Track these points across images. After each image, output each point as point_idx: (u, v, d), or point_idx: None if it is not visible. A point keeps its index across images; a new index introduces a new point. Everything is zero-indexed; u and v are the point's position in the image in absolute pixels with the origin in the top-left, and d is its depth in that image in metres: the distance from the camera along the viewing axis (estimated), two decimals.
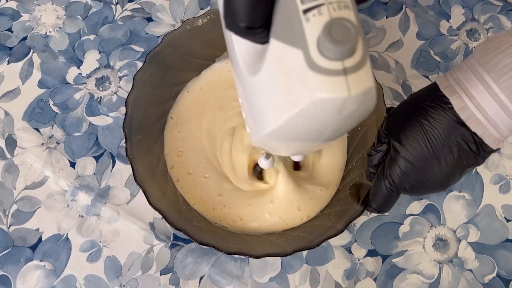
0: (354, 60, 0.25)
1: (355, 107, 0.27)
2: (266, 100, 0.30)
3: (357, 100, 0.26)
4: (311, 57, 0.25)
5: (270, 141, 0.33)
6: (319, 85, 0.25)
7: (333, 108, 0.26)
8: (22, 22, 0.57)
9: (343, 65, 0.25)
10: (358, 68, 0.25)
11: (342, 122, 0.29)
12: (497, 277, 0.48)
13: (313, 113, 0.27)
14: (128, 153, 0.44)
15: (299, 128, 0.29)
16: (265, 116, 0.30)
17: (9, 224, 0.48)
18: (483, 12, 0.59)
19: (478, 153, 0.34)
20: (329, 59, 0.25)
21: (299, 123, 0.28)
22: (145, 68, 0.47)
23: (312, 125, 0.28)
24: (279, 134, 0.30)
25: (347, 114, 0.27)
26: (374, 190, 0.40)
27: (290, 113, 0.27)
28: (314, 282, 0.47)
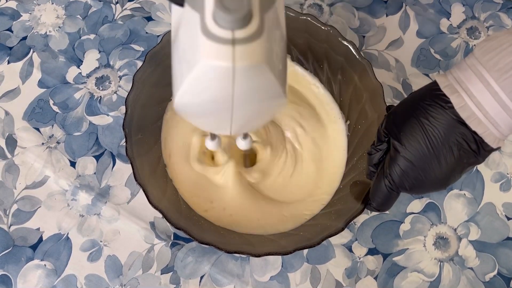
0: (246, 33, 0.25)
1: (248, 82, 0.27)
2: (176, 66, 0.31)
3: (246, 73, 0.26)
4: (205, 23, 0.25)
5: (184, 109, 0.32)
6: (207, 51, 0.26)
7: (221, 78, 0.26)
8: (22, 21, 0.57)
9: (233, 36, 0.25)
10: (249, 40, 0.25)
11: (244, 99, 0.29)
12: (498, 275, 0.48)
13: (205, 81, 0.27)
14: (128, 152, 0.44)
15: (200, 96, 0.29)
16: (176, 81, 0.31)
17: (9, 223, 0.48)
18: (483, 10, 0.59)
19: (478, 152, 0.34)
20: (220, 27, 0.25)
21: (197, 89, 0.28)
22: (145, 68, 0.47)
23: (210, 95, 0.29)
24: (185, 100, 0.30)
25: (243, 89, 0.27)
26: (374, 188, 0.40)
27: (187, 78, 0.28)
28: (315, 280, 0.47)
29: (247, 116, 0.32)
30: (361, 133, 0.48)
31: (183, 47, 0.29)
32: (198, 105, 0.31)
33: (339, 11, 0.59)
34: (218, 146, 0.43)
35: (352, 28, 0.58)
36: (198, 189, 0.48)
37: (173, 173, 0.48)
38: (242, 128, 0.35)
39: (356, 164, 0.48)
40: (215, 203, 0.47)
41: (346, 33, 0.57)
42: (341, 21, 0.58)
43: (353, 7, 0.59)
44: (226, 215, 0.47)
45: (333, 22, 0.58)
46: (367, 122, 0.48)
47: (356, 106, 0.49)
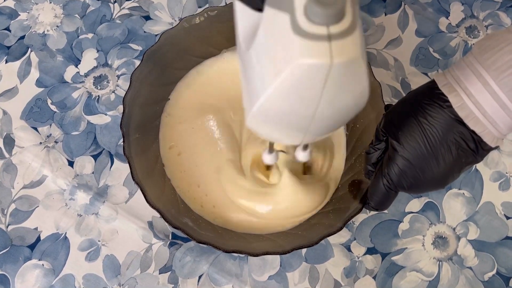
0: (341, 27, 0.24)
1: (341, 80, 0.25)
2: (256, 74, 0.28)
3: (341, 70, 0.25)
4: (296, 21, 0.24)
5: (260, 122, 0.31)
6: (301, 49, 0.24)
7: (316, 76, 0.25)
8: (20, 21, 0.57)
9: (328, 31, 0.24)
10: (344, 35, 0.24)
11: (330, 101, 0.27)
12: (497, 274, 0.48)
13: (296, 83, 0.25)
14: (126, 151, 0.43)
15: (285, 103, 0.27)
16: (254, 91, 0.29)
17: (7, 223, 0.48)
18: (482, 9, 0.59)
19: (476, 151, 0.34)
20: (314, 23, 0.24)
21: (283, 95, 0.26)
22: (142, 67, 0.47)
23: (298, 99, 0.27)
24: (266, 110, 0.28)
25: (334, 89, 0.26)
26: (372, 188, 0.40)
27: (274, 83, 0.26)
28: (313, 280, 0.47)
29: (328, 121, 0.30)
30: (359, 132, 0.48)
31: (264, 53, 0.27)
32: (282, 113, 0.28)
33: None
34: (275, 159, 0.42)
35: None
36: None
37: (170, 171, 0.48)
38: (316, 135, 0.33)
39: (354, 163, 0.48)
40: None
41: None
42: None
43: None
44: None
45: None
46: (365, 121, 0.48)
47: None
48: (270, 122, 0.30)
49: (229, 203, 0.47)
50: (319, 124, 0.30)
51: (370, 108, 0.47)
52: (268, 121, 0.30)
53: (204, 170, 0.48)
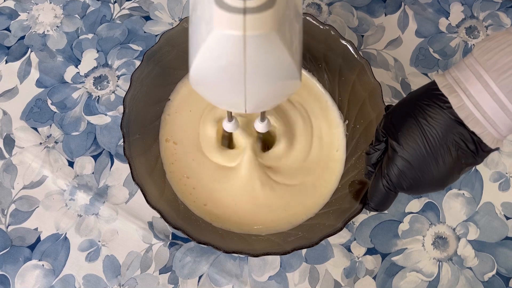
0: (257, 2, 0.26)
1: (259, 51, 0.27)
2: (193, 38, 0.31)
3: (256, 42, 0.27)
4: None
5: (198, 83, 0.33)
6: (219, 20, 0.26)
7: (233, 46, 0.27)
8: (20, 21, 0.57)
9: (244, 5, 0.26)
10: (260, 10, 0.26)
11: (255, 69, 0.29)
12: (496, 275, 0.48)
13: (218, 50, 0.28)
14: (126, 152, 0.43)
15: (213, 67, 0.30)
16: (191, 54, 0.31)
17: (7, 223, 0.48)
18: (482, 9, 0.59)
19: (476, 152, 0.34)
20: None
21: (210, 60, 0.29)
22: (143, 67, 0.47)
23: (223, 63, 0.29)
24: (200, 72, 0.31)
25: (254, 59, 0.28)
26: (372, 188, 0.40)
27: (201, 49, 0.28)
28: (314, 280, 0.47)
29: (260, 91, 0.32)
30: (359, 133, 0.48)
31: (198, 19, 0.30)
32: (213, 76, 0.31)
33: (337, 10, 0.59)
34: (236, 127, 0.43)
35: (350, 28, 0.58)
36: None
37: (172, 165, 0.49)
38: (256, 106, 0.35)
39: (354, 164, 0.48)
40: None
41: (344, 33, 0.57)
42: (340, 20, 0.58)
43: (352, 6, 0.59)
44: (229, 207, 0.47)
45: (331, 22, 0.58)
46: (365, 122, 0.48)
47: (354, 106, 0.49)
48: (205, 85, 0.33)
49: (217, 199, 0.47)
50: (253, 93, 0.32)
51: (370, 108, 0.47)
52: (204, 83, 0.33)
53: (195, 162, 0.49)
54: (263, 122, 0.43)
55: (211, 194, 0.48)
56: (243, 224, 0.47)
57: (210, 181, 0.48)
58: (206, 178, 0.48)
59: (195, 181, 0.48)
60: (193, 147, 0.49)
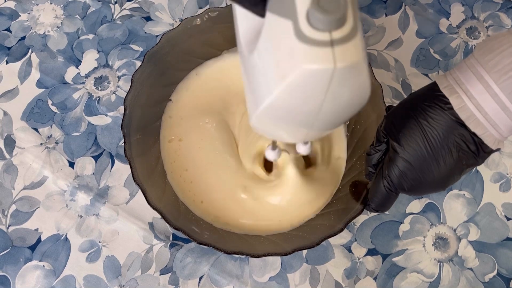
0: (343, 32, 0.25)
1: (344, 83, 0.26)
2: (260, 77, 0.29)
3: (344, 74, 0.26)
4: (299, 28, 0.25)
5: (265, 122, 0.32)
6: (305, 55, 0.25)
7: (320, 81, 0.26)
8: (21, 22, 0.57)
9: (331, 37, 0.25)
10: (346, 40, 0.25)
11: (334, 101, 0.28)
12: (497, 275, 0.48)
13: (301, 87, 0.26)
14: (127, 152, 0.43)
15: (290, 104, 0.28)
16: (259, 93, 0.30)
17: (8, 224, 0.48)
18: (483, 10, 0.59)
19: (477, 153, 0.34)
20: (317, 29, 0.25)
21: (289, 98, 0.28)
22: (143, 68, 0.47)
23: (303, 101, 0.28)
24: (271, 111, 0.30)
25: (336, 91, 0.27)
26: (372, 189, 0.40)
27: (279, 87, 0.27)
28: (314, 281, 0.47)
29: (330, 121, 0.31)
30: (360, 133, 0.48)
31: (267, 57, 0.28)
32: (286, 116, 0.30)
33: None
34: (278, 155, 0.43)
35: None
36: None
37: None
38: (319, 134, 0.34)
39: (355, 164, 0.48)
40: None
41: None
42: None
43: None
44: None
45: None
46: (366, 122, 0.48)
47: None
48: (274, 123, 0.31)
49: (216, 200, 0.47)
50: (321, 123, 0.31)
51: (370, 109, 0.47)
52: (272, 122, 0.31)
53: (198, 164, 0.49)
54: (306, 145, 0.42)
55: (206, 188, 0.48)
56: (243, 225, 0.47)
57: (206, 177, 0.48)
58: (203, 174, 0.48)
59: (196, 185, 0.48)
60: (197, 148, 0.49)
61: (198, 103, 0.51)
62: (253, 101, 0.31)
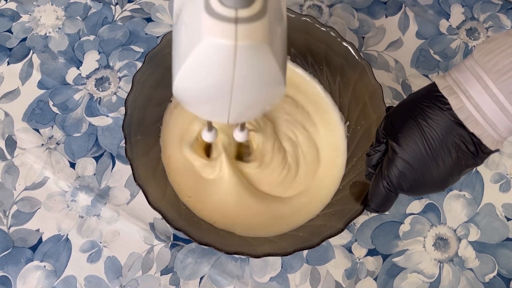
0: (249, 12, 0.26)
1: (248, 62, 0.27)
2: (176, 48, 0.31)
3: (247, 53, 0.27)
4: (209, 1, 0.26)
5: (182, 91, 0.32)
6: (209, 28, 0.26)
7: (223, 55, 0.27)
8: (22, 23, 0.57)
9: (236, 14, 0.26)
10: (251, 20, 0.26)
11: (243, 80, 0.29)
12: (497, 276, 0.48)
13: (206, 58, 0.27)
14: (128, 153, 0.44)
15: (201, 74, 0.29)
16: (176, 63, 0.31)
17: (9, 224, 0.48)
18: (482, 11, 0.59)
19: (476, 154, 0.34)
20: (224, 5, 0.26)
21: (198, 67, 0.28)
22: (144, 69, 0.47)
23: (211, 72, 0.29)
24: (186, 84, 0.30)
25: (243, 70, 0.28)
26: (372, 190, 0.40)
27: (189, 56, 0.28)
28: (315, 281, 0.47)
29: (245, 102, 0.32)
30: (360, 134, 0.48)
31: (185, 27, 0.30)
32: (198, 87, 0.31)
33: (338, 12, 0.59)
34: (214, 137, 0.43)
35: (351, 29, 0.58)
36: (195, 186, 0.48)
37: (170, 168, 0.49)
38: (240, 116, 0.35)
39: (355, 165, 0.48)
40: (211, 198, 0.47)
41: (345, 34, 0.57)
42: (341, 22, 0.58)
43: (353, 8, 0.59)
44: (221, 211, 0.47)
45: (332, 23, 0.58)
46: (366, 123, 0.48)
47: (355, 107, 0.49)
48: (191, 96, 0.32)
49: (229, 197, 0.47)
50: (239, 104, 0.32)
51: (371, 110, 0.47)
52: (189, 94, 0.32)
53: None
54: (243, 132, 0.42)
55: (206, 188, 0.48)
56: (244, 225, 0.47)
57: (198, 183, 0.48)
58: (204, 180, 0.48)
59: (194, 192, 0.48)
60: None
61: None
62: (173, 70, 0.32)
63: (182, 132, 0.50)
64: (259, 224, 0.47)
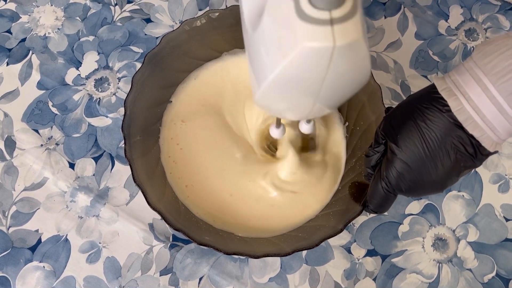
0: (342, 11, 0.26)
1: (344, 60, 0.27)
2: (263, 54, 0.30)
3: (344, 52, 0.26)
4: (300, 6, 0.26)
5: (268, 98, 0.32)
6: (305, 33, 0.26)
7: (320, 58, 0.26)
8: (21, 23, 0.57)
9: (330, 15, 0.25)
10: (345, 19, 0.26)
11: (335, 77, 0.29)
12: (496, 276, 0.48)
13: (302, 64, 0.27)
14: (127, 153, 0.44)
15: (293, 80, 0.29)
16: (262, 70, 0.31)
17: (8, 225, 0.48)
18: (481, 11, 0.59)
19: (475, 156, 0.34)
20: (317, 8, 0.25)
21: (291, 74, 0.28)
22: (143, 69, 0.47)
23: (304, 77, 0.28)
24: (274, 88, 0.30)
25: (337, 68, 0.28)
26: (371, 190, 0.40)
27: (281, 63, 0.28)
28: (314, 282, 0.47)
29: (332, 97, 0.32)
30: (359, 134, 0.49)
31: (270, 35, 0.29)
32: (287, 92, 0.30)
33: None
34: (283, 133, 0.43)
35: None
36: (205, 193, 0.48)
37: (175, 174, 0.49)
38: (320, 111, 0.35)
39: (354, 165, 0.48)
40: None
41: None
42: None
43: None
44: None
45: None
46: (365, 124, 0.48)
47: (354, 108, 0.49)
48: (277, 100, 0.32)
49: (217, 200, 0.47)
50: (323, 100, 0.32)
51: (370, 111, 0.47)
52: (275, 99, 0.32)
53: (198, 165, 0.49)
54: (309, 124, 0.42)
55: (206, 189, 0.48)
56: (243, 225, 0.47)
57: (207, 178, 0.48)
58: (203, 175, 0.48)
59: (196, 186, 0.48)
60: (197, 149, 0.49)
61: (198, 104, 0.51)
62: (256, 79, 0.32)
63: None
64: (258, 224, 0.47)
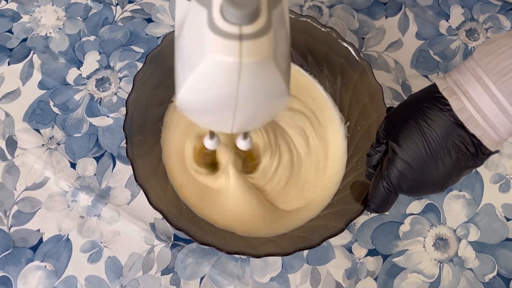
0: (254, 28, 0.25)
1: (254, 78, 0.27)
2: (179, 63, 0.30)
3: (251, 69, 0.26)
4: (212, 18, 0.25)
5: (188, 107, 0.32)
6: (214, 46, 0.25)
7: (228, 73, 0.26)
8: (22, 23, 0.57)
9: (240, 31, 0.25)
10: (256, 36, 0.25)
11: (248, 94, 0.28)
12: (497, 276, 0.48)
13: (210, 76, 0.27)
14: (129, 153, 0.44)
15: (204, 93, 0.29)
16: (178, 79, 0.30)
17: (9, 225, 0.48)
18: (482, 11, 0.59)
19: (476, 155, 0.34)
20: (228, 22, 0.25)
21: (201, 86, 0.28)
22: (145, 69, 0.47)
23: (215, 91, 0.28)
24: (189, 98, 0.30)
25: (248, 85, 0.27)
26: (372, 190, 0.40)
27: (192, 74, 0.27)
28: (315, 281, 0.47)
29: (250, 114, 0.32)
30: (360, 134, 0.49)
31: (188, 43, 0.29)
32: (202, 102, 0.30)
33: (338, 13, 0.59)
34: (217, 144, 0.43)
35: (351, 30, 0.58)
36: (199, 192, 0.48)
37: (171, 174, 0.48)
38: (244, 126, 0.35)
39: (356, 165, 0.48)
40: (216, 208, 0.47)
41: (345, 35, 0.57)
42: (341, 23, 0.59)
43: (353, 9, 0.59)
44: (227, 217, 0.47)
45: (332, 24, 0.58)
46: (366, 123, 0.48)
47: (355, 107, 0.49)
48: (194, 109, 0.32)
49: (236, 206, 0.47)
50: (242, 118, 0.31)
51: (371, 110, 0.47)
52: (192, 108, 0.32)
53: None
54: (246, 140, 0.41)
55: (206, 189, 0.48)
56: (243, 225, 0.47)
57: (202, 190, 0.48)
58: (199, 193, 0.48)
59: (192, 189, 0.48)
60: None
61: None
62: (176, 84, 0.31)
63: (183, 132, 0.50)
64: (260, 224, 0.47)
